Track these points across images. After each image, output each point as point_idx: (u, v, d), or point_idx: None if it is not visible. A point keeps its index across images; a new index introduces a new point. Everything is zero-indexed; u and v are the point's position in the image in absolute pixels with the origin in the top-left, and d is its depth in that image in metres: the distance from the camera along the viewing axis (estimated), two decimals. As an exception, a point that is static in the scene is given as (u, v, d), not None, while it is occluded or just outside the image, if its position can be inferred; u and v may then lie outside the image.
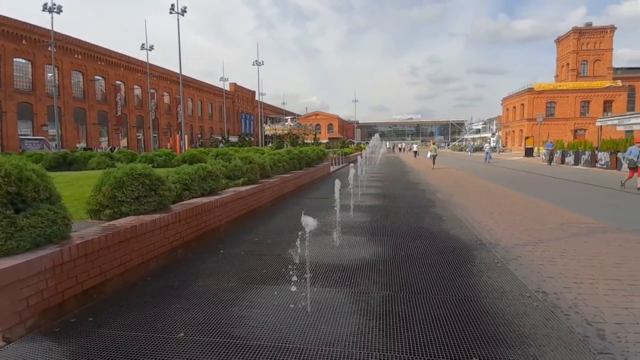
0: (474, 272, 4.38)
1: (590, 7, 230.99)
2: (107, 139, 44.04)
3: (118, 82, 45.56)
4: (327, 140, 67.69)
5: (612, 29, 63.10)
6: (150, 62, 44.69)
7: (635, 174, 12.42)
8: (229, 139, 56.25)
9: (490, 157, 31.53)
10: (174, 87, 52.77)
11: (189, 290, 3.88)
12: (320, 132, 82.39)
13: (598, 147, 23.34)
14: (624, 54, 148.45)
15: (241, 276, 4.27)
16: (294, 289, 3.80)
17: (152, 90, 48.20)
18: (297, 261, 4.08)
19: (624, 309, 3.45)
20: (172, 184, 5.64)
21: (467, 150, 61.71)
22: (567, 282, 4.10)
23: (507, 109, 67.11)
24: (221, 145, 43.95)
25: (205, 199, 5.96)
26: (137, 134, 48.97)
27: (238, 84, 73.66)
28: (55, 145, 33.03)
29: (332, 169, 21.19)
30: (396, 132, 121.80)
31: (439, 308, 3.41)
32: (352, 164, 11.33)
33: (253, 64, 55.20)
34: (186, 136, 38.78)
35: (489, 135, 79.58)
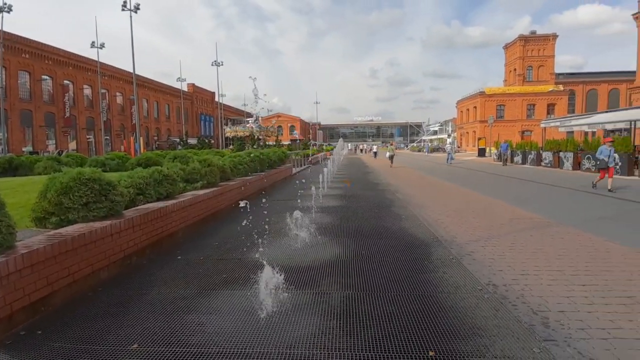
0: (431, 268, 4.55)
1: (534, 16, 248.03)
2: (54, 142, 41.25)
3: (66, 81, 42.82)
4: (289, 142, 67.53)
5: (554, 36, 67.96)
6: (101, 60, 42.45)
7: (607, 175, 11.71)
8: (188, 141, 54.54)
9: (452, 158, 30.21)
10: (127, 87, 50.42)
11: (144, 299, 3.72)
12: (282, 134, 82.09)
13: (542, 147, 24.97)
14: (565, 60, 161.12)
15: (200, 282, 4.16)
16: (254, 292, 3.75)
17: (103, 90, 45.75)
18: (258, 264, 4.04)
19: (566, 298, 3.72)
20: (124, 188, 5.39)
21: (424, 150, 64.66)
22: (515, 275, 4.36)
23: (462, 111, 70.23)
24: (179, 147, 42.52)
25: (161, 204, 5.75)
26: (88, 137, 46.26)
27: (197, 84, 71.66)
28: (1, 149, 30.62)
29: (294, 170, 21.17)
30: (357, 133, 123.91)
31: (398, 305, 3.50)
32: (313, 166, 11.32)
33: (212, 65, 54.04)
34: (141, 138, 37.13)
35: (445, 136, 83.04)
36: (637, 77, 26.32)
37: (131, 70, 34.94)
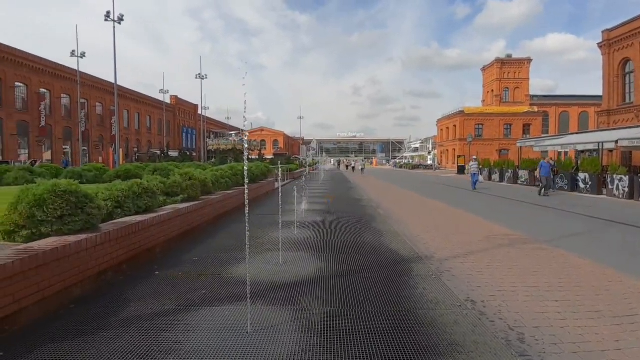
0: (411, 284, 4.58)
1: (508, 41, 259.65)
2: (27, 151, 39.90)
3: (43, 90, 41.75)
4: (272, 156, 67.41)
5: (529, 60, 71.00)
6: (81, 70, 41.68)
7: None
8: (169, 153, 53.74)
9: (479, 181, 21.06)
10: (107, 97, 49.54)
11: (118, 316, 3.60)
12: (265, 148, 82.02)
13: (519, 166, 25.77)
14: (538, 83, 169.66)
15: (178, 299, 4.06)
16: (234, 309, 3.69)
17: (82, 100, 44.77)
18: (239, 280, 3.98)
19: (541, 314, 3.80)
20: (102, 201, 5.26)
21: (392, 165, 68.22)
22: (492, 291, 4.44)
23: (442, 130, 71.98)
24: (158, 160, 41.78)
25: (139, 217, 5.62)
26: (64, 147, 45.01)
27: (179, 97, 71.12)
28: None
29: (277, 185, 21.09)
30: (340, 149, 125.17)
31: (378, 320, 3.50)
32: (296, 180, 11.33)
33: (196, 77, 53.85)
34: (121, 150, 36.36)
35: (425, 153, 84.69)
36: (603, 101, 27.70)
37: (112, 81, 34.42)
